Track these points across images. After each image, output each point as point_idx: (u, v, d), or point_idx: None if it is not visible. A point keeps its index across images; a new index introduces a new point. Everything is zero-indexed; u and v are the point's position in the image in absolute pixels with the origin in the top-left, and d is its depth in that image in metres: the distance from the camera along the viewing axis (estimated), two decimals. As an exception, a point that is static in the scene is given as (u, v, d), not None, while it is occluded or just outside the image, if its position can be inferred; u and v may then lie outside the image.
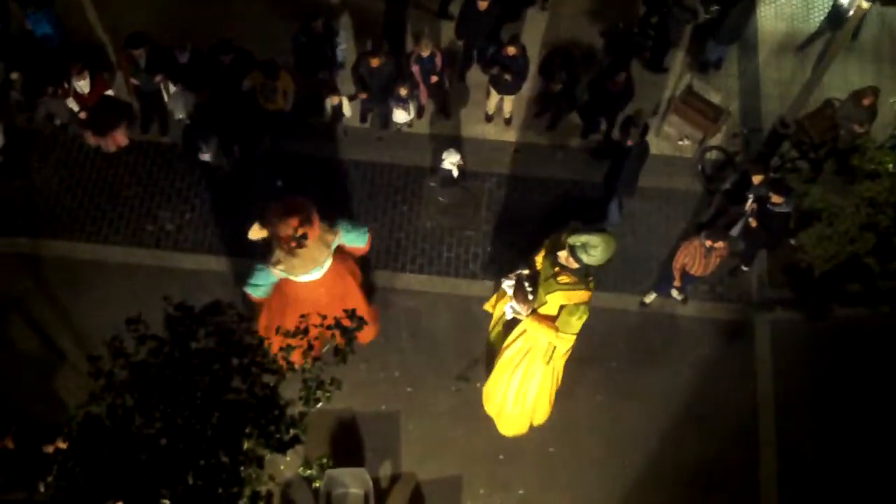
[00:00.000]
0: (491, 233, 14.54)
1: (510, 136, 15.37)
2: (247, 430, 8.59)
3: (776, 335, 14.05)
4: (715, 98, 15.17)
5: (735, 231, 13.97)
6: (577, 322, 11.44)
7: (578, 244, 11.39)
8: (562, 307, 11.48)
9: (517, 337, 12.22)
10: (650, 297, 14.07)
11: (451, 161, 14.02)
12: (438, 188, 14.49)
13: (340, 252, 11.87)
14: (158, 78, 14.17)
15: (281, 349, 9.12)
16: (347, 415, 13.10)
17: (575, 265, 11.34)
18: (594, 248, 11.26)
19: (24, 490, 11.47)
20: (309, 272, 11.54)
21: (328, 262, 11.66)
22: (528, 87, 15.15)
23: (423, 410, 13.25)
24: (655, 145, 15.23)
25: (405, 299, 14.05)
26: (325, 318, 9.37)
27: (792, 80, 15.89)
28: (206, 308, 9.01)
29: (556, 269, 11.49)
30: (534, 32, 16.00)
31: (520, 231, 14.43)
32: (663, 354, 13.87)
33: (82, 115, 14.10)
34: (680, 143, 15.32)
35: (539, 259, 11.89)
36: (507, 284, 12.27)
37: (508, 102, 15.10)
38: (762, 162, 14.13)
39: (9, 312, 13.65)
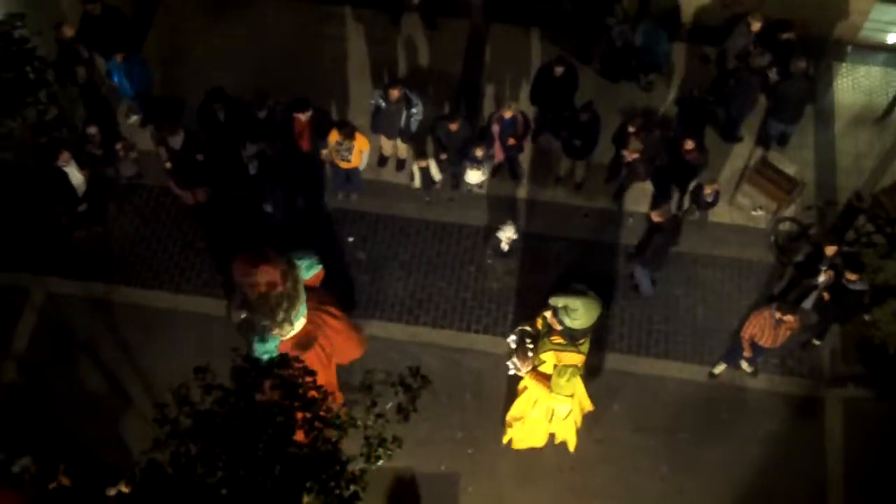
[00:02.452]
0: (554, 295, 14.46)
1: (580, 200, 15.36)
2: (307, 485, 8.60)
3: (848, 413, 13.71)
4: (790, 169, 15.01)
5: (807, 304, 13.73)
6: (565, 384, 11.45)
7: (560, 306, 11.40)
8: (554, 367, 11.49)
9: (522, 389, 12.24)
10: (719, 368, 13.85)
11: (503, 234, 14.05)
12: (492, 257, 14.49)
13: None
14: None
15: (345, 404, 9.17)
16: (407, 474, 13.03)
17: (558, 327, 11.33)
18: (574, 312, 11.27)
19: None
20: (294, 321, 11.60)
21: (304, 306, 11.77)
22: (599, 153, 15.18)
23: (483, 473, 13.13)
24: (728, 215, 15.15)
25: (469, 359, 14.01)
26: (389, 374, 9.41)
27: (868, 152, 15.68)
28: (273, 360, 9.09)
29: (547, 328, 11.54)
30: (607, 99, 16.04)
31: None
32: (731, 427, 13.59)
33: (168, 165, 14.39)
34: (753, 213, 15.17)
35: (539, 320, 11.90)
36: (511, 340, 12.26)
37: (580, 167, 15.12)
38: (836, 235, 13.92)
39: (80, 355, 13.92)
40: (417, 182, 14.83)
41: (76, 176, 14.16)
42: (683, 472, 13.26)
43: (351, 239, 14.93)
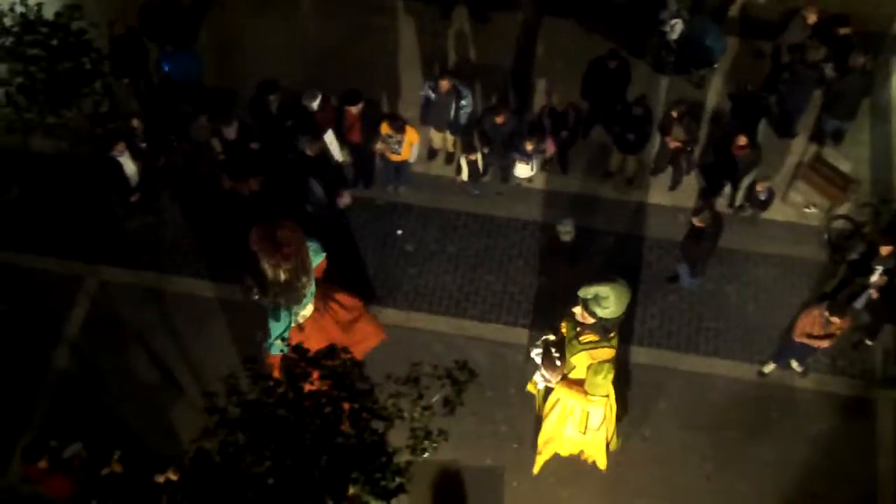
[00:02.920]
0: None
1: (630, 194, 15.26)
2: (353, 476, 8.64)
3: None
4: (844, 166, 14.80)
5: (859, 304, 13.53)
6: (603, 381, 11.27)
7: (590, 296, 11.17)
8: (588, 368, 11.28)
9: (552, 408, 12.06)
10: (769, 367, 13.69)
11: (562, 229, 13.99)
12: (547, 252, 14.43)
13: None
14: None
15: (391, 396, 9.19)
16: (452, 467, 13.05)
17: (591, 320, 11.08)
18: (606, 300, 11.04)
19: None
20: (304, 300, 11.67)
21: (314, 286, 11.82)
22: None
23: (528, 468, 13.09)
24: (781, 212, 14.96)
25: (515, 353, 13.98)
26: (435, 367, 9.40)
27: (928, 150, 15.44)
28: (321, 351, 9.15)
29: (577, 328, 11.32)
30: (659, 94, 15.90)
31: (636, 290, 14.29)
32: (779, 427, 13.44)
33: (222, 157, 14.51)
34: (806, 210, 14.97)
35: (564, 324, 11.70)
36: (536, 353, 12.02)
37: (631, 162, 15.02)
38: (891, 234, 13.69)
39: (132, 343, 14.10)
40: (465, 175, 14.82)
41: (130, 166, 14.33)
42: (730, 471, 13.14)
43: (399, 231, 14.98)
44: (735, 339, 14.01)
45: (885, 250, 13.08)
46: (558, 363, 11.64)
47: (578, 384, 11.68)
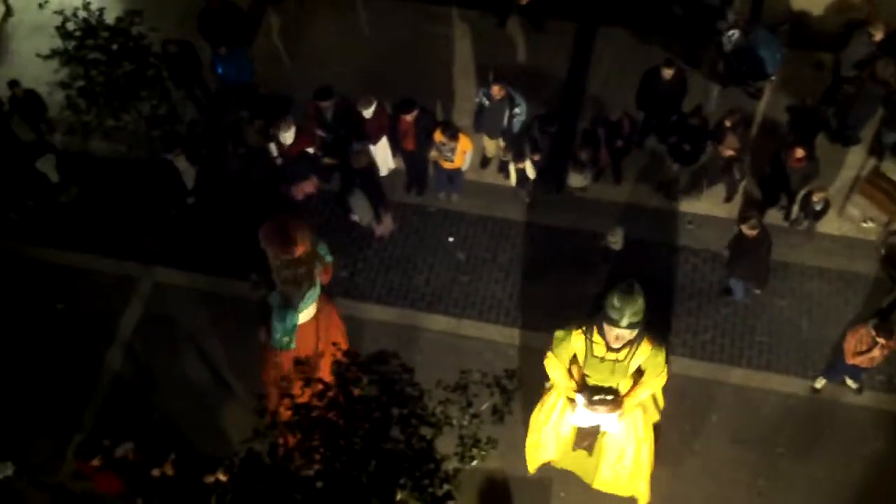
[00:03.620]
0: (657, 303, 14.26)
1: (684, 206, 15.14)
2: (401, 481, 8.65)
3: None
4: (905, 181, 14.58)
5: (919, 320, 13.32)
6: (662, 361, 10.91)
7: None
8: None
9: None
10: (821, 383, 13.49)
11: (612, 238, 13.92)
12: (599, 262, 14.38)
13: None
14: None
15: (440, 403, 9.19)
16: (500, 476, 13.00)
17: (627, 336, 10.51)
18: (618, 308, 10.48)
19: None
20: (309, 300, 11.74)
21: (318, 285, 11.83)
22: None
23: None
24: (837, 226, 14.75)
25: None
26: (485, 375, 9.39)
27: None
28: (372, 356, 9.19)
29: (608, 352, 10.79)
30: (715, 105, 15.75)
31: (687, 303, 14.18)
32: (833, 444, 13.21)
33: (278, 161, 14.63)
34: (863, 224, 14.74)
35: (568, 368, 11.28)
36: (584, 418, 11.50)
37: (685, 173, 14.90)
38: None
39: (185, 345, 14.27)
40: (513, 181, 14.78)
41: (187, 170, 14.51)
42: (782, 487, 12.95)
43: (451, 239, 14.99)
44: (787, 354, 13.82)
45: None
46: (610, 396, 11.22)
47: (631, 390, 11.34)
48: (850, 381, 13.32)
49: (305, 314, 12.00)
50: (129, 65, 14.45)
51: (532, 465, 12.78)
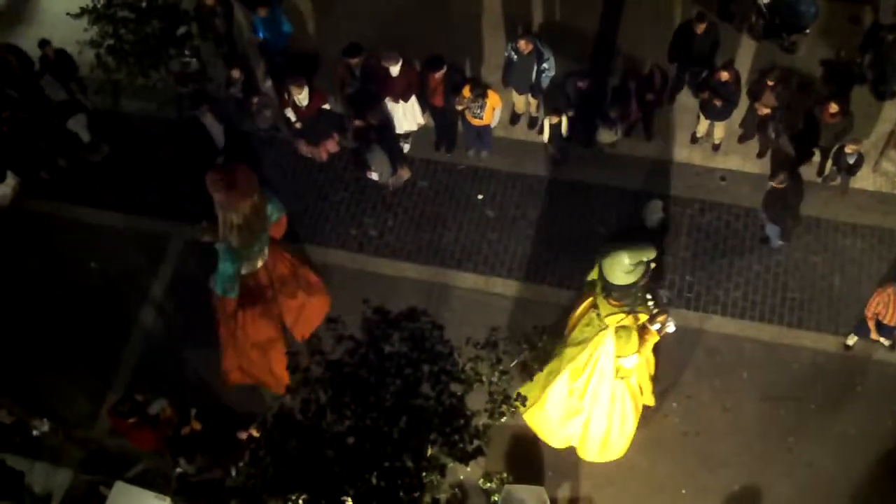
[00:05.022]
0: (690, 260, 14.20)
1: (716, 161, 14.99)
2: (432, 437, 8.73)
3: None
4: (941, 135, 14.36)
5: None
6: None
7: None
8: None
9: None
10: (853, 340, 13.39)
11: (649, 213, 13.88)
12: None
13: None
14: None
15: (470, 360, 9.23)
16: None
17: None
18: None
19: (221, 470, 12.04)
20: (255, 249, 11.96)
21: (267, 237, 12.04)
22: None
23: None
24: (872, 181, 14.57)
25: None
26: (514, 332, 9.42)
27: None
28: (402, 314, 9.23)
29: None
30: (749, 59, 15.53)
31: (720, 260, 14.09)
32: (864, 401, 13.15)
33: (297, 125, 14.62)
34: (898, 180, 14.58)
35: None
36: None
37: (719, 128, 14.74)
38: None
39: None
40: (546, 137, 14.67)
41: (215, 127, 14.53)
42: (812, 444, 12.93)
43: (480, 196, 14.95)
44: (820, 311, 13.72)
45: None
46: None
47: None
48: (882, 339, 13.21)
49: (251, 265, 12.18)
50: (158, 23, 14.43)
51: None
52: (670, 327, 11.35)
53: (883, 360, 13.40)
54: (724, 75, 13.90)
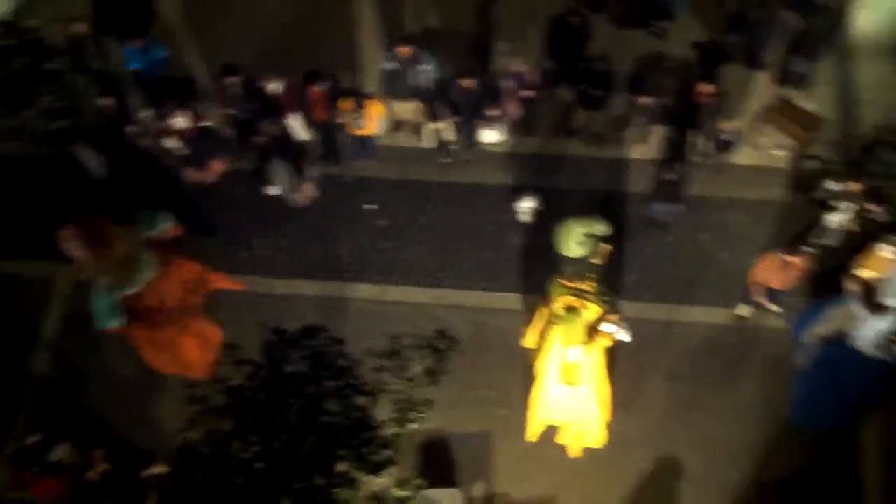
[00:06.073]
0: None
1: (598, 151, 15.25)
2: (341, 453, 8.69)
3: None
4: (810, 106, 14.84)
5: (833, 240, 13.65)
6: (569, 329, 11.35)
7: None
8: None
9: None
10: (744, 310, 13.78)
11: (524, 205, 14.02)
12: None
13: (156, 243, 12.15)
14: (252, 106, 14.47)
15: (373, 371, 9.22)
16: (440, 436, 13.09)
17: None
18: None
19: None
20: (134, 276, 11.74)
21: (147, 258, 11.87)
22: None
23: (516, 431, 13.15)
24: (749, 156, 15.01)
25: (496, 319, 14.01)
26: (416, 338, 9.45)
27: (889, 84, 15.45)
28: (300, 332, 9.16)
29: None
30: (622, 48, 15.84)
31: (613, 246, 14.32)
32: (761, 367, 13.55)
33: (181, 151, 14.37)
34: (774, 153, 15.01)
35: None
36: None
37: (597, 118, 15.00)
38: (860, 170, 13.76)
39: (109, 339, 13.98)
40: (431, 144, 14.75)
41: (93, 160, 14.19)
42: (715, 415, 13.26)
43: (371, 206, 14.92)
44: (712, 286, 14.08)
45: (854, 186, 13.16)
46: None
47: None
48: (773, 307, 13.61)
49: (135, 287, 11.99)
50: (23, 60, 14.04)
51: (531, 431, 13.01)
52: (624, 336, 11.59)
53: (775, 328, 13.79)
54: (600, 65, 14.16)
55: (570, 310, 11.48)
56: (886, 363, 11.93)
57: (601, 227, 11.61)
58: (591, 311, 11.66)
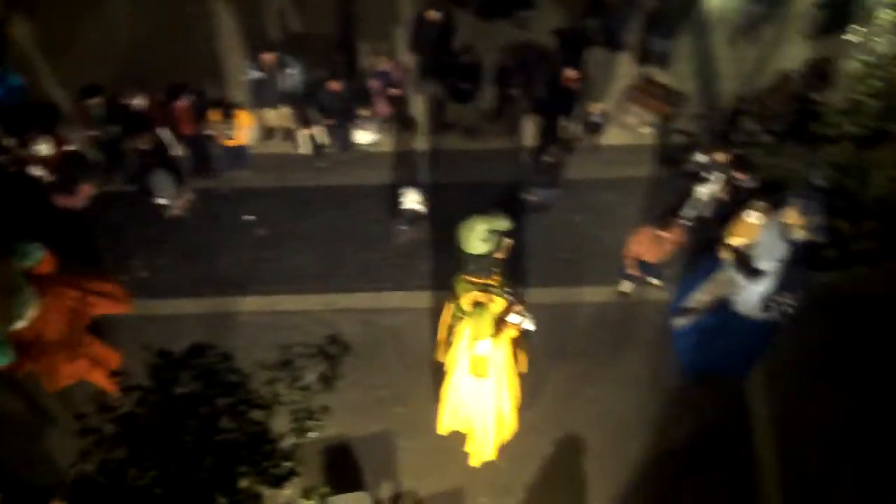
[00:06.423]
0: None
1: (473, 144, 15.39)
2: (241, 469, 8.58)
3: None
4: (672, 82, 15.28)
5: (705, 211, 14.08)
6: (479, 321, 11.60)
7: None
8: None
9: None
10: (626, 287, 14.11)
11: (407, 200, 14.07)
12: (408, 229, 14.50)
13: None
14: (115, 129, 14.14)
15: (266, 383, 9.13)
16: (342, 441, 13.05)
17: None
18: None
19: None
20: (15, 310, 11.54)
21: (26, 289, 11.67)
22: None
23: (417, 427, 13.21)
24: (618, 136, 15.35)
25: (386, 318, 14.03)
26: (307, 346, 9.40)
27: (746, 56, 16.00)
28: (188, 351, 8.99)
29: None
30: (486, 40, 16.00)
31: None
32: (649, 340, 13.91)
33: (49, 178, 13.96)
34: (641, 130, 15.39)
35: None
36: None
37: (468, 111, 15.13)
38: (725, 140, 14.24)
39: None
40: (304, 149, 14.67)
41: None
42: (609, 391, 13.55)
43: (249, 217, 14.74)
44: (592, 266, 14.36)
45: (720, 157, 13.60)
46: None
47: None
48: (654, 280, 13.96)
49: (23, 321, 11.69)
50: None
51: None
52: (529, 325, 11.71)
53: (658, 300, 14.17)
54: (465, 59, 14.29)
55: (478, 305, 11.60)
56: (767, 322, 12.33)
57: (503, 223, 11.73)
58: (497, 304, 11.79)
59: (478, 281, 11.81)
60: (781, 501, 13.01)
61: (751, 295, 12.20)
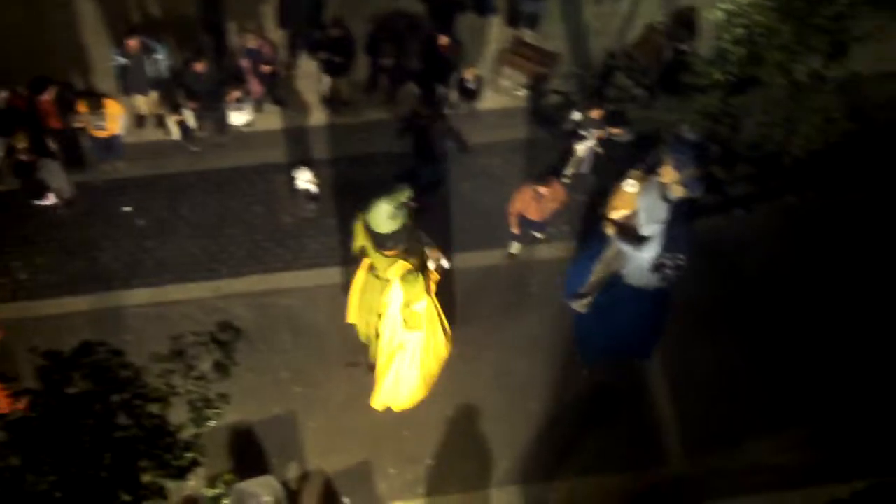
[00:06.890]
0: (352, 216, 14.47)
1: (351, 117, 15.29)
2: (142, 464, 8.42)
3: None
4: (544, 43, 15.42)
5: (585, 168, 14.32)
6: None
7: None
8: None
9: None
10: (515, 248, 14.27)
11: (301, 178, 13.93)
12: (305, 202, 14.38)
13: None
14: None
15: (160, 376, 8.97)
16: (244, 426, 12.93)
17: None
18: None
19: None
20: None
21: None
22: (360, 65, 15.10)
23: (318, 405, 13.18)
24: (494, 100, 15.45)
25: (279, 299, 13.91)
26: (198, 335, 9.26)
27: (613, 12, 16.25)
28: (76, 350, 8.75)
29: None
30: (355, 10, 15.86)
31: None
32: (542, 298, 14.13)
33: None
34: (517, 93, 15.52)
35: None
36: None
37: (342, 84, 15.02)
38: (598, 97, 14.47)
39: None
40: (176, 135, 14.36)
41: None
42: (507, 351, 13.76)
43: (126, 208, 14.37)
44: (480, 231, 14.46)
45: (595, 114, 13.82)
46: None
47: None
48: (539, 235, 14.14)
49: None
50: None
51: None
52: (444, 262, 11.99)
53: (546, 258, 14.40)
54: (335, 32, 14.14)
55: (410, 272, 11.59)
56: (660, 291, 12.54)
57: (404, 194, 11.67)
58: (419, 260, 11.84)
59: (398, 253, 11.75)
60: (680, 448, 13.42)
61: (641, 263, 12.30)
